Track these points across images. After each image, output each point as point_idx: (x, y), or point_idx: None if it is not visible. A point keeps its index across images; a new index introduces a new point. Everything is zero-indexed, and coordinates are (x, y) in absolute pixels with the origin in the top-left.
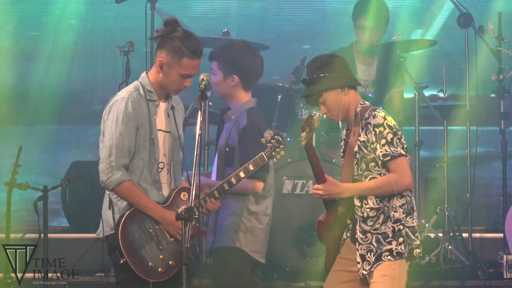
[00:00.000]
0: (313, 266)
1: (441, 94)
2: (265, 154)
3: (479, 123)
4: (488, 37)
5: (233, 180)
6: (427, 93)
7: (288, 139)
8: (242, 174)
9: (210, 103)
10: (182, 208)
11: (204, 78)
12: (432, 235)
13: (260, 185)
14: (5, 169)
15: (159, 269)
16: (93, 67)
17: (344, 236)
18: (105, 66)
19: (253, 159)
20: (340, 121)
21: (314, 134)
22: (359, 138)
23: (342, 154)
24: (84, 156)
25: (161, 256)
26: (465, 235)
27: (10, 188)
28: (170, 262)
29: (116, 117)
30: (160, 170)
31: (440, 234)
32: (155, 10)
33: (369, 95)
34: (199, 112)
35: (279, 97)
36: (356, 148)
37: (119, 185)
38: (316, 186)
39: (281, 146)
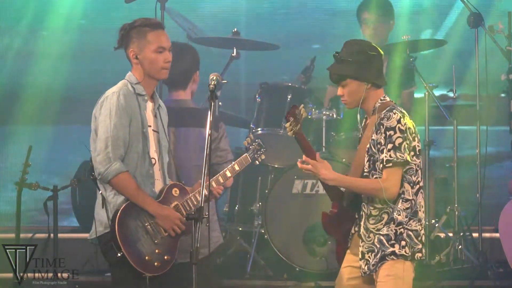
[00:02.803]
0: (323, 266)
1: (451, 94)
2: (248, 156)
3: (489, 123)
4: (498, 37)
5: (220, 179)
6: (437, 92)
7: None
8: (228, 174)
9: (220, 103)
10: (174, 204)
11: (214, 78)
12: (442, 235)
13: None
14: (15, 169)
15: (156, 263)
16: (102, 66)
17: (352, 231)
18: (114, 65)
19: (238, 159)
20: (359, 112)
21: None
22: (372, 136)
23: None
24: None
25: (156, 250)
26: (475, 235)
27: (20, 188)
28: (165, 257)
29: (109, 111)
30: (152, 165)
31: (450, 234)
32: (165, 10)
33: None
34: (209, 112)
35: (289, 97)
36: (368, 145)
37: (117, 176)
38: (307, 159)
39: (262, 150)
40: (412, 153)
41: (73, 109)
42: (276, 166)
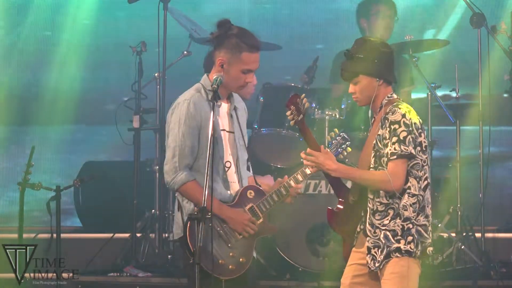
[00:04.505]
0: (325, 266)
1: (453, 94)
2: (330, 151)
3: (491, 122)
4: (501, 37)
5: (299, 177)
6: (439, 92)
7: (301, 139)
8: (308, 171)
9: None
10: (249, 206)
11: (217, 78)
12: (445, 235)
13: None
14: (18, 169)
15: (230, 266)
16: (105, 67)
17: (358, 229)
18: (117, 66)
19: None
20: (370, 109)
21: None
22: (378, 131)
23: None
24: (97, 156)
25: (230, 254)
26: (477, 235)
27: (23, 188)
28: (241, 259)
29: (178, 119)
30: (227, 169)
31: (453, 234)
32: (168, 10)
33: None
34: (212, 112)
35: None
36: (374, 141)
37: (183, 185)
38: (310, 151)
39: (347, 143)
40: (419, 148)
41: (76, 110)
42: (278, 166)
